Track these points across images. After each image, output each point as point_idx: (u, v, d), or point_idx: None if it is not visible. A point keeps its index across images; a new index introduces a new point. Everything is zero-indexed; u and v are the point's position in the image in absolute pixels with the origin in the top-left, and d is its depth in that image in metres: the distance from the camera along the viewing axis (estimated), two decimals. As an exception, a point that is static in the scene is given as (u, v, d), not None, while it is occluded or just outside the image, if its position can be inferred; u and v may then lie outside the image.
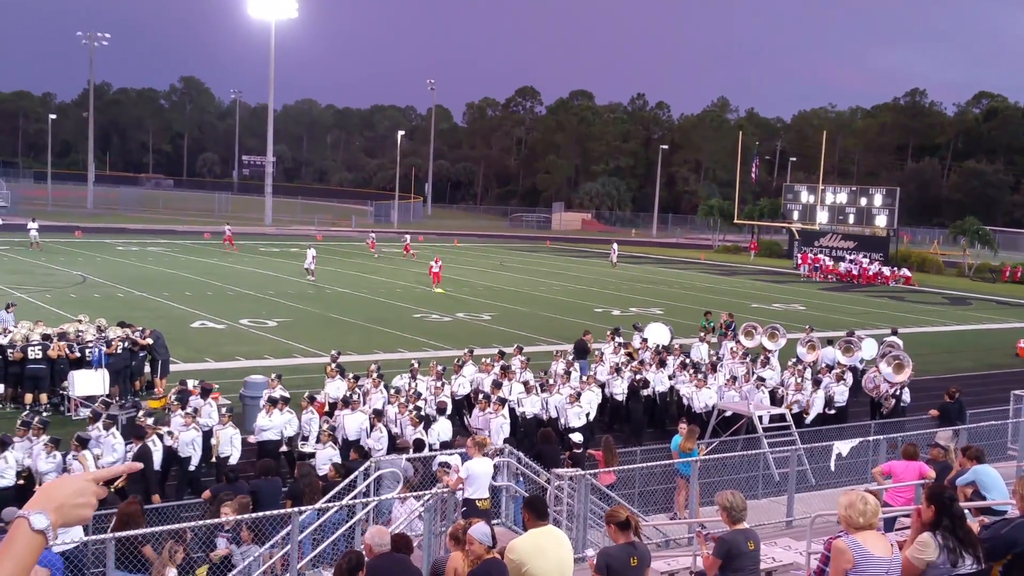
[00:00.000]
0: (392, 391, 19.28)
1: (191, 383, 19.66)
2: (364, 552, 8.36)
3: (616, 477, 14.92)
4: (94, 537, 9.80)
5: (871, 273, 63.66)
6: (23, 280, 41.56)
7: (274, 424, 17.52)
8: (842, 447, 15.58)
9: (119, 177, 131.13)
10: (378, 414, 17.63)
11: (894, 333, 29.59)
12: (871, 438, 16.46)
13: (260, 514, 11.26)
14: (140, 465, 3.62)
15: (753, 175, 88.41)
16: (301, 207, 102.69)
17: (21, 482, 14.79)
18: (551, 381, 21.38)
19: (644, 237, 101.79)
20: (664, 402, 22.85)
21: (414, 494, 12.58)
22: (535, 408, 20.18)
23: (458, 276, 50.55)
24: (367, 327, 34.39)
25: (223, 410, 17.63)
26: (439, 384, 20.09)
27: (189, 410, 17.10)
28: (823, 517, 10.97)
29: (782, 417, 19.69)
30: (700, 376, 22.10)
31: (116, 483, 15.16)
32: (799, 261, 69.38)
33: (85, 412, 19.93)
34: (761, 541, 8.75)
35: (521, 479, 14.09)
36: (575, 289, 49.66)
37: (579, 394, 20.01)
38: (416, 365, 21.27)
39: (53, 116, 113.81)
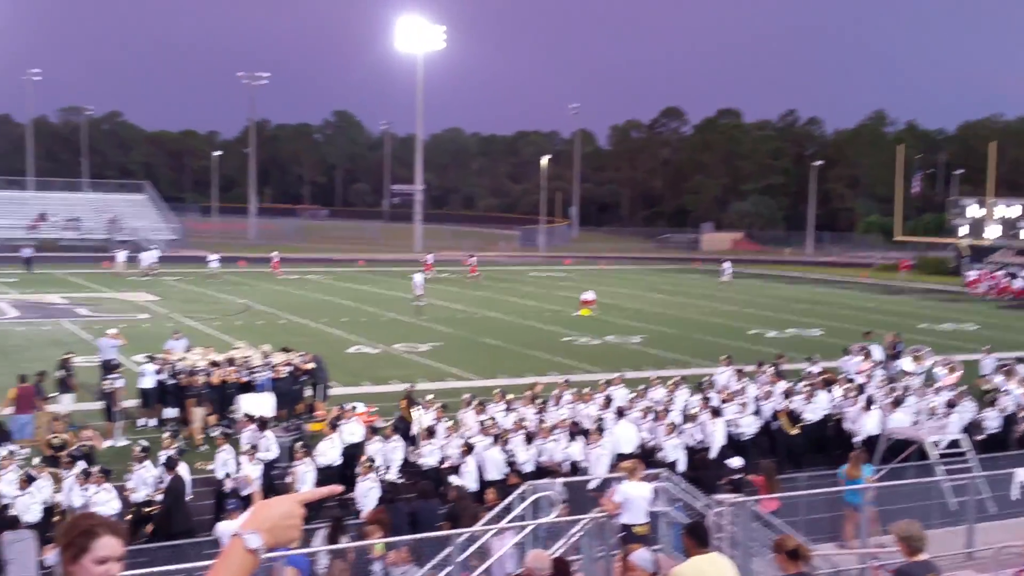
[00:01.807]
0: (488, 420, 19.16)
1: (351, 406, 20.06)
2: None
3: (779, 504, 14.43)
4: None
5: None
6: (193, 309, 43.57)
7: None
8: (1024, 475, 14.65)
9: (278, 209, 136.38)
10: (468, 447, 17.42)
11: None
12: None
13: (420, 536, 11.37)
14: (340, 488, 3.72)
15: (915, 190, 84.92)
16: (449, 233, 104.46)
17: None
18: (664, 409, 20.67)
19: (799, 256, 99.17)
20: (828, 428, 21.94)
21: (517, 525, 12.41)
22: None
23: (607, 299, 50.31)
24: (517, 351, 34.55)
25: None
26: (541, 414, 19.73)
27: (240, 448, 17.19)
28: (1009, 549, 10.29)
29: (957, 443, 18.69)
30: (864, 399, 21.25)
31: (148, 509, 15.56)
32: (974, 278, 65.29)
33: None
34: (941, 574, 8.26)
35: (679, 504, 13.79)
36: (727, 310, 48.69)
37: (675, 425, 19.16)
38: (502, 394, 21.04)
39: (217, 153, 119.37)
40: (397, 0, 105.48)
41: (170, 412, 22.42)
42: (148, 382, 22.42)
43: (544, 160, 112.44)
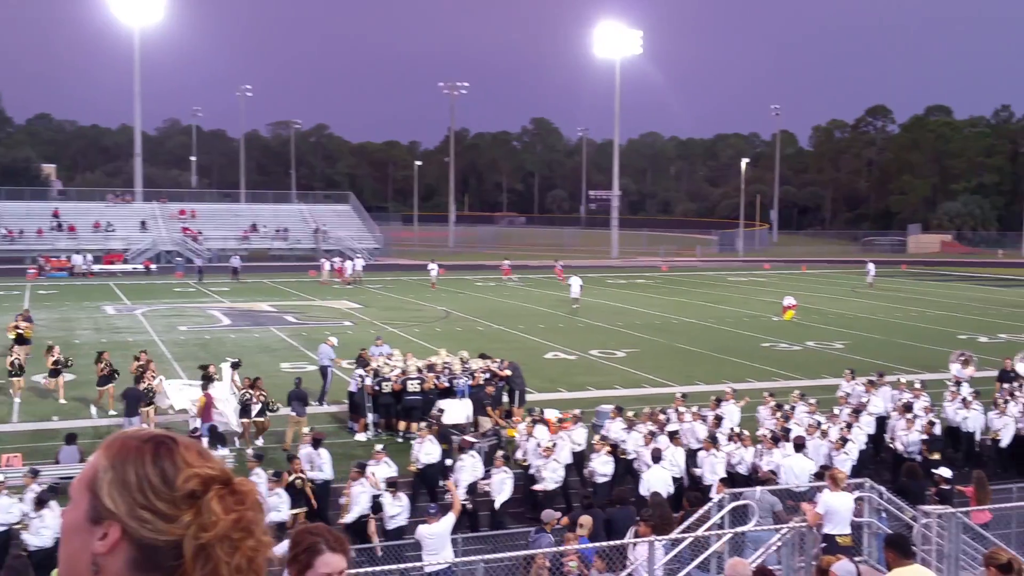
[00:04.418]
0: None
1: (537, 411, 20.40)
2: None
3: (991, 516, 13.81)
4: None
5: None
6: (394, 316, 45.25)
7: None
8: None
9: (476, 216, 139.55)
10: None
11: None
12: None
13: (615, 542, 11.55)
14: None
15: None
16: (646, 239, 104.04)
17: None
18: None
19: (1014, 258, 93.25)
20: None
21: (714, 532, 12.34)
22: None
23: (807, 304, 48.91)
24: (714, 356, 34.18)
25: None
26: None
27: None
28: None
29: None
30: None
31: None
32: None
33: (456, 439, 21.27)
34: None
35: (883, 515, 13.44)
36: (935, 315, 46.45)
37: (844, 440, 18.02)
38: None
39: (419, 163, 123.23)
40: (595, 7, 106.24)
41: (373, 417, 23.41)
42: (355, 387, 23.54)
43: (743, 163, 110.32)
